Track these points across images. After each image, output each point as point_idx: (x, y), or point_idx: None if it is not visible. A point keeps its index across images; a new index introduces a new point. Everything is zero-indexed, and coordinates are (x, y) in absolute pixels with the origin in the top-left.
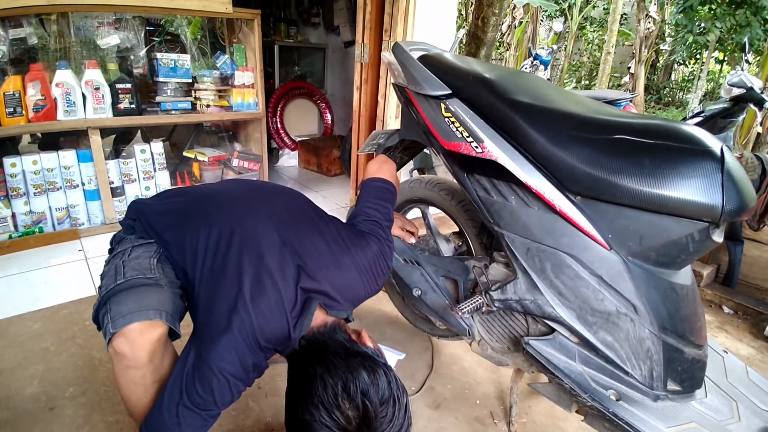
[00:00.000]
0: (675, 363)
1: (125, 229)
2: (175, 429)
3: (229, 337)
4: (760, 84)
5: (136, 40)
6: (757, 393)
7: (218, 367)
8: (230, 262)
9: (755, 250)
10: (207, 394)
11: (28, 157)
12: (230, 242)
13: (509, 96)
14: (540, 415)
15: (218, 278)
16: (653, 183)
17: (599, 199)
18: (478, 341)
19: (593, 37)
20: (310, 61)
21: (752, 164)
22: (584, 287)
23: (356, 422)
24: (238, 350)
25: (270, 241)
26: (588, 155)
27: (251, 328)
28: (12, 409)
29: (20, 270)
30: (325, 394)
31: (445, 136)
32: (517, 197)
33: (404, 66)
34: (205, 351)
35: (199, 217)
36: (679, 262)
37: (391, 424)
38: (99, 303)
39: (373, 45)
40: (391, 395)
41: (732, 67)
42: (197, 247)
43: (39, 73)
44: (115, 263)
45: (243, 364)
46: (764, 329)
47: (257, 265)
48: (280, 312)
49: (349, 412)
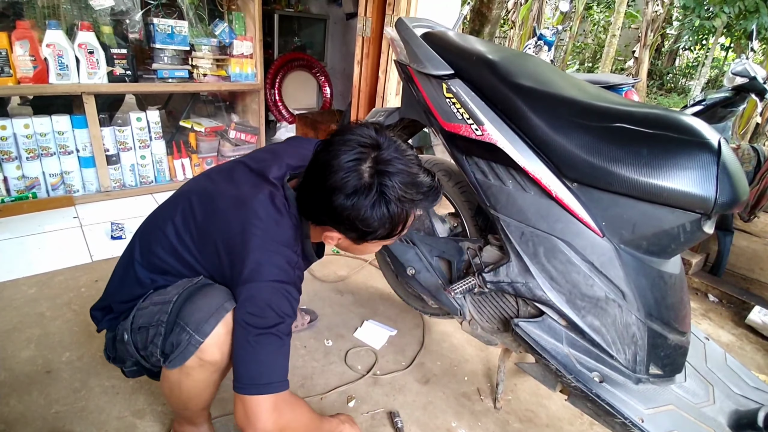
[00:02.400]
0: (658, 348)
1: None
2: (262, 362)
3: (254, 255)
4: (764, 74)
5: (131, 2)
6: (733, 378)
7: (260, 281)
8: (208, 221)
9: (744, 240)
10: (266, 311)
11: (19, 120)
12: (193, 212)
13: (512, 79)
14: (525, 393)
15: (209, 241)
16: (649, 173)
17: (595, 187)
18: (468, 321)
19: (599, 18)
20: (311, 32)
21: (748, 155)
22: (575, 272)
23: (369, 143)
24: (268, 258)
25: (223, 180)
26: (587, 143)
27: (264, 235)
28: (9, 370)
29: (14, 235)
30: (343, 146)
31: (445, 117)
32: (515, 181)
33: (407, 43)
34: (242, 282)
35: (155, 231)
36: (670, 251)
37: (398, 152)
38: (165, 331)
39: (375, 19)
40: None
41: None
42: (175, 246)
43: (27, 31)
44: (151, 307)
45: (280, 266)
46: (745, 318)
47: (230, 196)
48: (273, 207)
49: (362, 137)
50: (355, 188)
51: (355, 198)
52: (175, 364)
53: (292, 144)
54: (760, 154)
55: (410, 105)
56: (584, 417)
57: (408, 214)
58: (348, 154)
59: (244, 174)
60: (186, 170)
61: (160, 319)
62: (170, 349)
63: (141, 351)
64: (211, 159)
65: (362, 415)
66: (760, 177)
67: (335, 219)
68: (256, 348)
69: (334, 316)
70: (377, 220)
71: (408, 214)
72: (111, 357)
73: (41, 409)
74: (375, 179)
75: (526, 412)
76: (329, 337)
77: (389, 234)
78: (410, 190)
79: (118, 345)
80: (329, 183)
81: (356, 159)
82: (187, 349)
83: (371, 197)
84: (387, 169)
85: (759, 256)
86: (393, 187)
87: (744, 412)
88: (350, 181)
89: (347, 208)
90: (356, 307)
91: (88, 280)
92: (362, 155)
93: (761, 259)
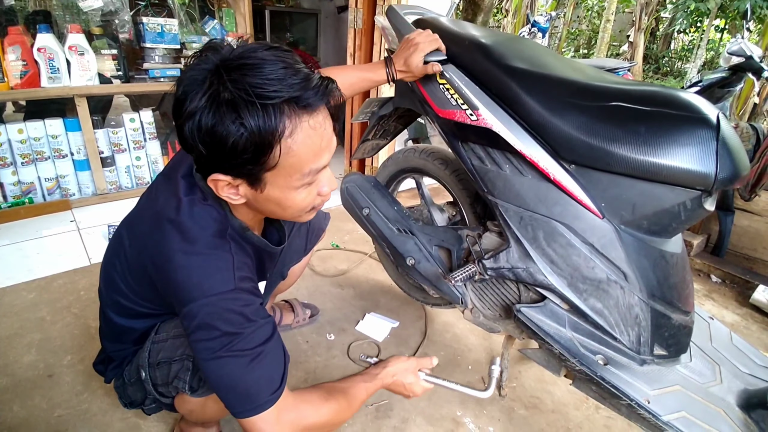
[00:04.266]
0: (662, 329)
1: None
2: (241, 385)
3: (181, 273)
4: (760, 53)
5: (120, 2)
6: (740, 357)
7: (197, 300)
8: (134, 251)
9: (745, 220)
10: (215, 332)
11: (12, 125)
12: (123, 246)
13: (505, 62)
14: (530, 380)
15: (143, 274)
16: (648, 151)
17: (593, 168)
18: (470, 309)
19: (593, 4)
20: (303, 27)
21: (747, 134)
22: (576, 255)
23: (218, 48)
24: (197, 273)
25: (145, 198)
26: (584, 123)
27: (184, 246)
28: (11, 376)
29: (12, 241)
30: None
31: (439, 104)
32: (512, 166)
33: (398, 31)
34: (180, 307)
35: (108, 275)
36: (671, 230)
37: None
38: (193, 365)
39: (366, 10)
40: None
41: (732, 36)
42: (125, 291)
43: (18, 36)
44: (171, 340)
45: (212, 276)
46: (749, 297)
47: (147, 216)
48: (187, 210)
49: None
50: (188, 92)
51: (188, 103)
52: (203, 394)
53: None
54: (759, 133)
55: (404, 94)
56: (590, 401)
57: (275, 117)
58: (195, 68)
59: (160, 183)
60: None
61: (185, 353)
62: (198, 384)
63: (160, 387)
64: None
65: (366, 407)
66: (759, 155)
67: (193, 149)
68: (229, 373)
69: (336, 310)
70: (232, 132)
71: (275, 116)
72: (127, 403)
73: (44, 414)
74: (214, 78)
75: (531, 399)
76: (331, 331)
77: (262, 152)
78: (266, 79)
79: (130, 389)
80: (178, 110)
81: (201, 67)
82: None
83: (204, 95)
84: (232, 64)
85: (761, 235)
86: (236, 80)
87: (754, 391)
88: (186, 87)
89: (186, 119)
90: (357, 301)
91: (87, 284)
92: (208, 63)
93: (763, 238)
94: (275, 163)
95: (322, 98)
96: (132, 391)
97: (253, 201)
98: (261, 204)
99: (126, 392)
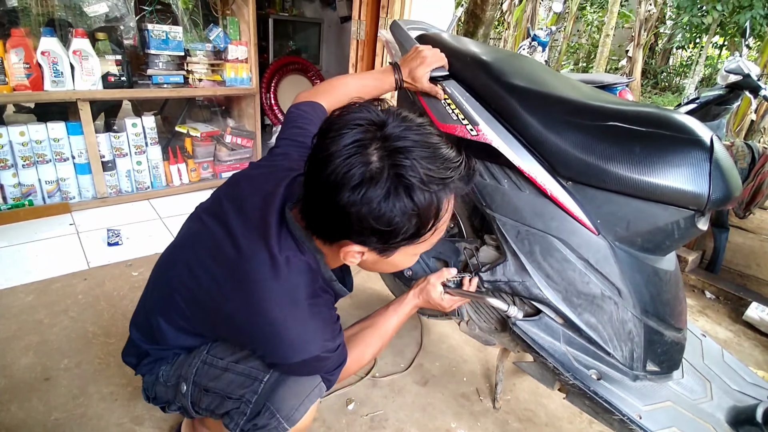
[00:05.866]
0: (655, 345)
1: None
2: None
3: (282, 340)
4: (758, 71)
5: (125, 9)
6: (731, 374)
7: (295, 360)
8: (205, 301)
9: (739, 237)
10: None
11: (15, 127)
12: (192, 281)
13: (505, 79)
14: (524, 393)
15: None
16: (643, 170)
17: (589, 185)
18: (466, 321)
19: (593, 19)
20: (306, 35)
21: (742, 152)
22: (571, 270)
23: (373, 119)
24: (296, 338)
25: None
26: (581, 141)
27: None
28: (8, 377)
29: (11, 243)
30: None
31: (440, 118)
32: (510, 181)
33: (402, 45)
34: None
35: (166, 288)
36: (664, 248)
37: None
38: (251, 412)
39: (369, 22)
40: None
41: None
42: (179, 322)
43: (22, 39)
44: (230, 375)
45: (309, 341)
46: (742, 314)
47: (222, 272)
48: (275, 269)
49: (363, 115)
50: (362, 176)
51: (363, 189)
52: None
53: (286, 143)
54: (754, 151)
55: (405, 107)
56: (583, 415)
57: (440, 201)
58: (346, 137)
59: (234, 226)
60: (182, 175)
61: (245, 397)
62: (249, 428)
63: (198, 407)
64: (207, 164)
65: (362, 417)
66: (754, 174)
67: (347, 225)
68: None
69: None
70: (399, 215)
71: (440, 200)
72: (151, 398)
73: (41, 416)
74: (386, 161)
75: (525, 412)
76: None
77: (418, 232)
78: (435, 165)
79: (160, 388)
80: (329, 177)
81: (358, 140)
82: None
83: (384, 184)
84: (400, 145)
85: (755, 252)
86: (411, 167)
87: (742, 408)
88: (354, 168)
89: (356, 203)
90: (354, 310)
91: (85, 287)
92: (366, 134)
93: (757, 256)
94: (421, 240)
95: (470, 183)
96: (161, 391)
97: (371, 263)
98: (377, 265)
99: (154, 388)
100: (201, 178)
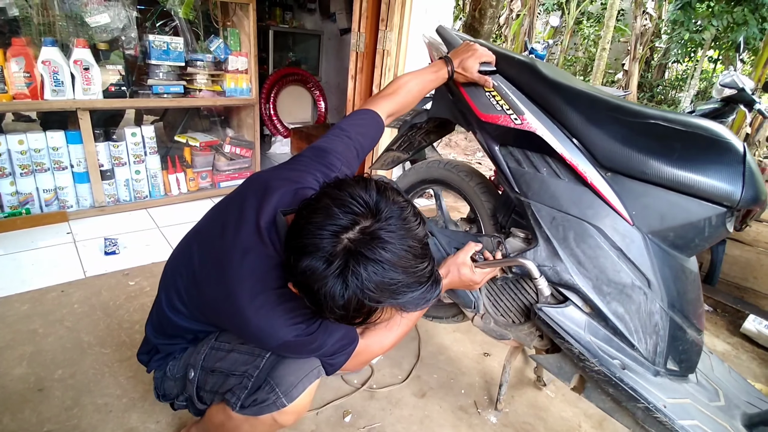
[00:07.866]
0: (677, 342)
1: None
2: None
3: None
4: (752, 85)
5: (127, 19)
6: (738, 387)
7: (274, 343)
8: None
9: (736, 249)
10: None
11: (13, 136)
12: (189, 280)
13: (550, 78)
14: (522, 406)
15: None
16: (682, 165)
17: (628, 176)
18: (481, 315)
19: (589, 33)
20: (305, 47)
21: None
22: (603, 258)
23: (364, 211)
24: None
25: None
26: (624, 134)
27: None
28: (1, 388)
29: (7, 251)
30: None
31: (482, 108)
32: (549, 168)
33: (449, 43)
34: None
35: (172, 284)
36: (693, 247)
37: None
38: (252, 386)
39: (369, 34)
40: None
41: (726, 67)
42: (181, 311)
43: (22, 48)
44: (235, 354)
45: (282, 324)
46: (740, 326)
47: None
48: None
49: (360, 199)
50: (321, 253)
51: (313, 260)
52: (246, 413)
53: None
54: None
55: (441, 103)
56: (582, 428)
57: (372, 310)
58: (335, 218)
59: (234, 223)
60: (181, 185)
61: (248, 372)
62: (250, 404)
63: (203, 392)
64: (206, 173)
65: (359, 430)
66: None
67: (292, 272)
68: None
69: None
70: (330, 299)
71: (372, 310)
72: (161, 395)
73: (33, 428)
74: (348, 258)
75: (523, 425)
76: None
77: (342, 320)
78: (380, 292)
79: (168, 382)
80: (299, 243)
81: (340, 227)
82: (268, 407)
83: (333, 270)
84: (366, 253)
85: (752, 264)
86: (360, 280)
87: (756, 413)
88: (321, 244)
89: (304, 269)
90: None
91: (81, 297)
92: (352, 224)
93: (754, 268)
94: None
95: (424, 306)
96: (169, 386)
97: None
98: None
99: (163, 384)
100: (199, 188)
